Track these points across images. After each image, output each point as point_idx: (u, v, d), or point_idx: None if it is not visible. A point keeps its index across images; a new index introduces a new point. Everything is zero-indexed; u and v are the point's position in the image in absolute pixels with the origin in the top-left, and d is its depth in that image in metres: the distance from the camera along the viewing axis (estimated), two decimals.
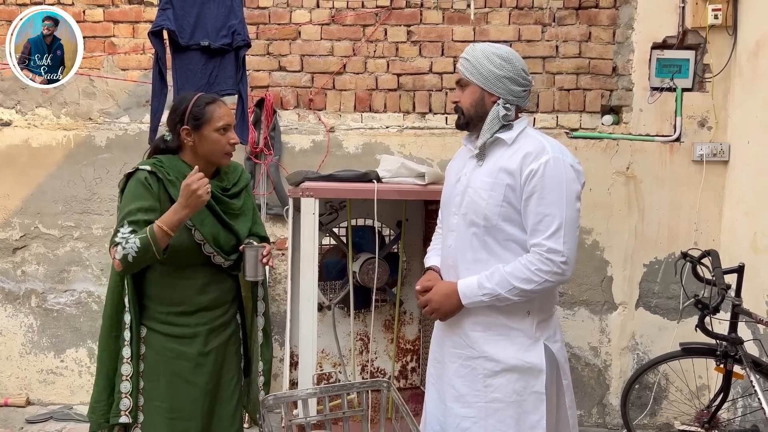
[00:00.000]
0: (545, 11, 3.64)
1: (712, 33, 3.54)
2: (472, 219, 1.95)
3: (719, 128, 3.59)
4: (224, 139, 2.05)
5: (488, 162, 1.97)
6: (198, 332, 2.05)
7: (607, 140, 3.64)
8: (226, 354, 2.14)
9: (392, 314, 3.41)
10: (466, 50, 2.04)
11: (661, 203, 3.63)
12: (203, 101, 2.06)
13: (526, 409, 1.91)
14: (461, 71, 2.02)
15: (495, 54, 1.96)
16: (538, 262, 1.85)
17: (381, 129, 3.74)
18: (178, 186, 1.95)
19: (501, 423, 1.91)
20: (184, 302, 2.04)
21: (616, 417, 3.67)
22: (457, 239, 2.00)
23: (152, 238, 1.87)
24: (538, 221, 1.86)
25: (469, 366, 1.97)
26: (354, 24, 3.71)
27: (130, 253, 1.88)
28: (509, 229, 1.91)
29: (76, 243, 3.84)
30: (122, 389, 1.99)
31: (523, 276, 1.86)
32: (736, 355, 2.75)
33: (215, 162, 2.09)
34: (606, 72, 3.65)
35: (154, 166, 2.01)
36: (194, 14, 2.70)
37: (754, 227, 3.27)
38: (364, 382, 2.18)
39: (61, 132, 3.80)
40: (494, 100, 1.97)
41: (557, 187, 1.86)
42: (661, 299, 3.65)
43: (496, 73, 1.95)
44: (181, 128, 2.04)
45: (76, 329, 3.86)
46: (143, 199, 1.96)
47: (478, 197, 1.94)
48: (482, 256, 1.94)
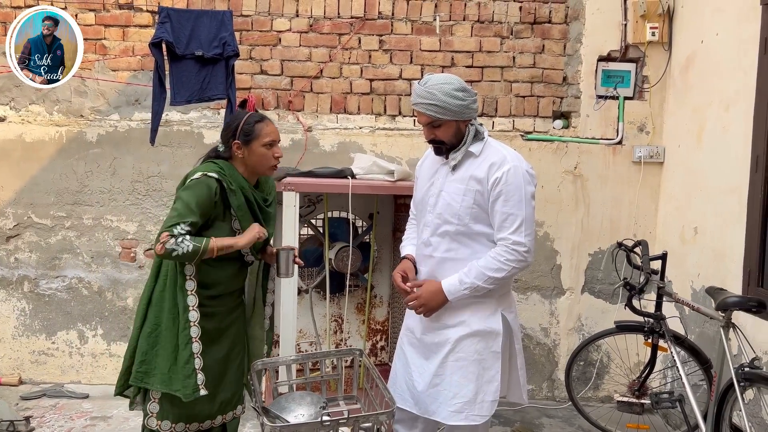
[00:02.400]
0: (504, 25, 4.02)
1: (651, 48, 3.97)
2: (446, 218, 2.32)
3: (656, 133, 4.02)
4: (270, 153, 2.35)
5: (459, 171, 2.32)
6: (217, 312, 2.36)
7: (558, 142, 4.04)
8: (237, 331, 2.46)
9: (364, 298, 3.76)
10: (422, 95, 2.23)
11: (605, 199, 4.05)
12: (253, 119, 2.36)
13: (485, 366, 2.30)
14: (433, 116, 2.23)
15: (454, 90, 2.22)
16: (505, 253, 2.23)
17: (355, 129, 4.08)
18: (237, 196, 2.27)
19: (464, 378, 2.29)
20: (212, 287, 2.32)
21: (563, 391, 4.06)
22: (432, 234, 2.36)
23: (203, 250, 2.15)
24: (504, 219, 2.24)
25: (440, 333, 2.34)
26: (330, 32, 4.03)
27: (178, 251, 2.11)
28: (477, 227, 2.29)
29: (67, 232, 4.08)
30: (195, 365, 2.21)
31: (495, 267, 2.23)
32: (661, 331, 3.18)
33: (261, 173, 2.39)
34: (557, 81, 4.05)
35: (220, 174, 2.26)
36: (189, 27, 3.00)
37: (682, 221, 3.72)
38: (339, 351, 2.54)
39: (53, 128, 4.04)
40: (466, 124, 2.31)
41: (517, 191, 2.24)
42: (604, 285, 4.08)
43: (462, 104, 2.23)
44: (233, 142, 2.32)
45: (67, 313, 4.11)
46: (204, 204, 2.21)
47: (452, 200, 2.31)
48: (454, 246, 2.32)
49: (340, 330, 3.77)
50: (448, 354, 2.32)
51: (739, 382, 2.58)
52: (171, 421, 2.31)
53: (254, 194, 2.36)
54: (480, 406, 2.28)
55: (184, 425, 2.34)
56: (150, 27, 3.94)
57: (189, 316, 2.23)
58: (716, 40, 3.43)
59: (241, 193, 2.31)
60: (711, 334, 3.29)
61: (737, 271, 3.10)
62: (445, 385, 2.31)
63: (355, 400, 2.44)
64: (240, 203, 2.29)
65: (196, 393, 2.22)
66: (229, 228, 2.31)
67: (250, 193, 2.34)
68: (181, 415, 2.32)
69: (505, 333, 2.35)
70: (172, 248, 2.11)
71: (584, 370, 4.06)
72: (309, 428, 2.02)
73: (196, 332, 2.24)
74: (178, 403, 2.28)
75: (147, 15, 3.97)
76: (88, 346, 4.12)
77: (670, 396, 3.06)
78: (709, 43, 3.50)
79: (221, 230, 2.29)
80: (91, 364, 4.13)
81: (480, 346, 2.31)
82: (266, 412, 2.15)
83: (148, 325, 2.29)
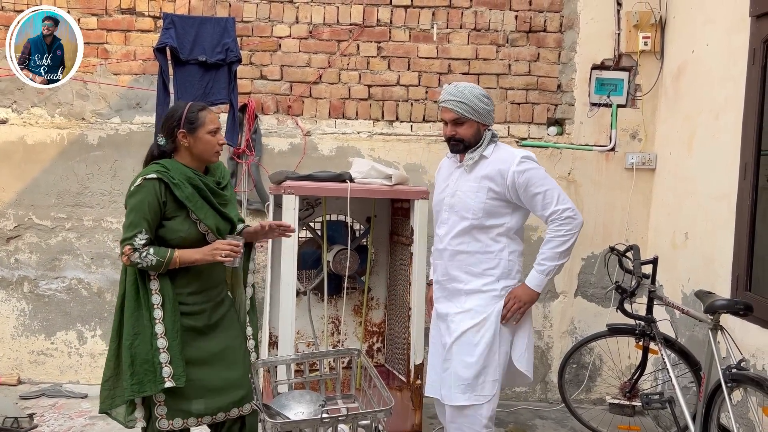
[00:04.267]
0: (500, 33, 4.10)
1: (643, 57, 4.06)
2: (462, 215, 2.62)
3: (648, 140, 4.11)
4: (214, 140, 2.41)
5: (473, 171, 2.64)
6: (204, 308, 2.41)
7: (552, 149, 4.12)
8: (229, 323, 2.50)
9: (361, 300, 3.82)
10: (454, 94, 2.58)
11: (598, 205, 4.13)
12: (195, 108, 2.41)
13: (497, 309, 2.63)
14: (459, 113, 2.58)
15: (481, 94, 2.60)
16: (561, 226, 2.56)
17: (353, 134, 4.15)
18: (182, 187, 2.30)
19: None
20: (190, 284, 2.38)
21: (556, 393, 4.12)
22: (447, 230, 2.67)
23: (167, 263, 2.26)
24: (543, 198, 2.56)
25: (459, 313, 2.66)
26: (330, 39, 4.10)
27: (142, 264, 2.25)
28: (489, 221, 2.60)
29: (67, 233, 4.13)
30: (161, 360, 2.26)
31: (560, 242, 2.57)
32: (651, 334, 3.25)
33: (207, 160, 2.44)
34: (552, 89, 4.13)
35: (158, 173, 2.30)
36: (193, 33, 3.06)
37: (673, 227, 3.79)
38: (338, 350, 2.60)
39: (55, 130, 4.09)
40: (485, 128, 2.65)
41: (538, 171, 2.59)
42: (596, 289, 4.15)
43: (487, 109, 2.62)
44: (179, 131, 2.37)
45: (66, 313, 4.15)
46: (152, 207, 2.27)
47: (467, 198, 2.62)
48: (466, 240, 2.63)
49: (338, 331, 3.82)
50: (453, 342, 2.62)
51: (727, 383, 2.64)
52: (181, 418, 2.35)
53: (203, 180, 2.38)
54: (482, 387, 2.54)
55: (195, 420, 2.37)
56: (152, 32, 4.00)
57: (153, 314, 2.29)
58: (707, 50, 3.52)
59: (188, 183, 2.33)
60: (700, 337, 3.37)
61: (726, 276, 3.17)
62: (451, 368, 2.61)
63: (353, 399, 2.49)
64: (188, 194, 2.31)
65: (160, 385, 2.25)
66: (189, 220, 2.34)
67: (198, 181, 2.35)
68: (189, 411, 2.35)
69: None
70: (137, 261, 2.25)
71: (577, 373, 4.13)
72: (309, 425, 2.07)
73: (161, 329, 2.28)
74: (182, 400, 2.33)
75: (149, 20, 4.03)
76: (87, 346, 4.16)
77: (661, 398, 3.12)
78: (700, 52, 3.58)
79: (181, 223, 2.33)
80: (90, 364, 4.16)
81: (484, 301, 2.62)
82: (267, 408, 2.20)
83: (126, 337, 2.30)
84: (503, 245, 2.64)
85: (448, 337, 2.62)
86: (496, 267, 2.63)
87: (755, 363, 2.87)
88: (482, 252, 2.62)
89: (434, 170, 4.17)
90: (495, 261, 2.63)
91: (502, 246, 2.64)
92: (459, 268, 2.66)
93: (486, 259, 2.63)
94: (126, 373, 2.28)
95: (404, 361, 3.49)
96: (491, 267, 2.63)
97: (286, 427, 2.05)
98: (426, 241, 3.33)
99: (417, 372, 3.33)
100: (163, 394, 2.32)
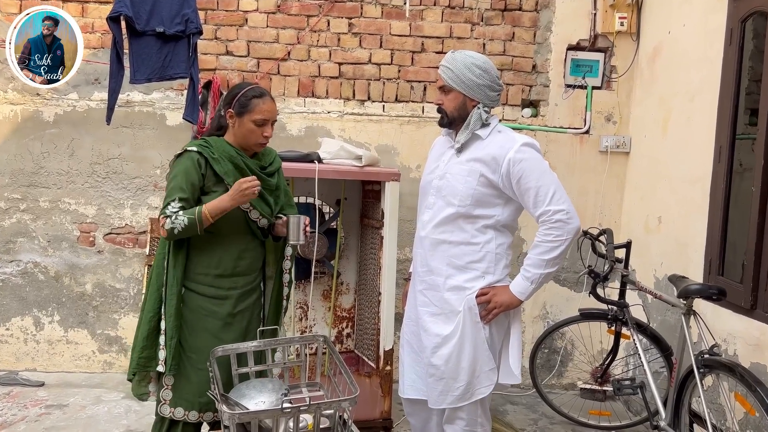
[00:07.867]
0: (474, 11, 3.99)
1: (619, 38, 3.99)
2: (449, 200, 2.32)
3: (622, 123, 4.05)
4: (258, 131, 2.30)
5: (465, 153, 2.33)
6: (230, 295, 2.33)
7: (526, 131, 4.03)
8: (252, 317, 2.42)
9: (330, 285, 3.72)
10: (447, 59, 2.32)
11: (571, 188, 4.04)
12: (251, 93, 2.30)
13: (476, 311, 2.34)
14: (444, 79, 2.30)
15: (474, 65, 2.27)
16: (550, 230, 2.22)
17: (323, 114, 4.01)
18: (222, 163, 2.24)
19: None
20: (221, 265, 2.30)
21: (527, 378, 4.06)
22: (432, 216, 2.38)
23: (198, 219, 2.18)
24: (536, 194, 2.23)
25: (437, 312, 2.38)
26: (299, 14, 3.95)
27: (177, 228, 2.18)
28: (477, 211, 2.30)
29: (22, 215, 3.94)
30: (160, 342, 2.26)
31: (546, 248, 2.24)
32: (624, 319, 3.21)
33: (246, 148, 2.35)
34: (527, 69, 4.04)
35: (200, 147, 2.27)
36: (150, 2, 2.89)
37: (646, 210, 3.76)
38: (303, 337, 2.48)
39: (8, 106, 3.88)
40: (474, 104, 2.31)
41: (537, 164, 2.26)
42: (569, 273, 4.11)
43: (476, 81, 2.27)
44: (227, 110, 2.30)
45: (22, 298, 3.97)
46: (189, 177, 2.23)
47: (456, 182, 2.31)
48: (449, 229, 2.33)
49: (306, 317, 3.72)
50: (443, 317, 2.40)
51: (699, 368, 2.62)
52: (184, 408, 2.30)
53: (245, 161, 2.32)
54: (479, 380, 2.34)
55: (197, 414, 2.32)
56: (110, 3, 3.77)
57: (161, 294, 2.28)
58: (683, 31, 3.46)
59: (229, 161, 2.27)
60: (672, 322, 3.34)
61: (699, 260, 3.14)
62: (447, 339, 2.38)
63: (319, 387, 2.39)
64: (227, 170, 2.26)
65: (156, 367, 2.26)
66: None
67: (240, 161, 2.30)
68: (194, 403, 2.30)
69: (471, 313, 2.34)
70: (171, 227, 2.18)
71: (548, 358, 4.09)
72: (269, 415, 1.97)
73: (163, 310, 2.27)
74: (189, 389, 2.28)
75: None
76: (44, 332, 3.99)
77: (632, 383, 3.10)
78: (677, 33, 3.52)
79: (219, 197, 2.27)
80: (48, 351, 4.00)
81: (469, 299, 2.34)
82: (225, 399, 2.09)
83: (148, 310, 2.31)
84: (490, 237, 2.34)
85: (429, 350, 2.37)
86: (482, 260, 2.34)
87: (726, 348, 2.85)
88: (467, 243, 2.33)
89: (407, 152, 4.12)
90: (480, 254, 2.34)
91: (489, 238, 2.34)
92: (440, 259, 2.36)
93: (471, 251, 2.34)
94: (137, 347, 2.31)
95: (374, 347, 3.41)
96: (476, 260, 2.34)
97: (245, 418, 1.95)
98: (397, 224, 3.24)
99: (387, 358, 3.25)
100: (173, 378, 2.29)
